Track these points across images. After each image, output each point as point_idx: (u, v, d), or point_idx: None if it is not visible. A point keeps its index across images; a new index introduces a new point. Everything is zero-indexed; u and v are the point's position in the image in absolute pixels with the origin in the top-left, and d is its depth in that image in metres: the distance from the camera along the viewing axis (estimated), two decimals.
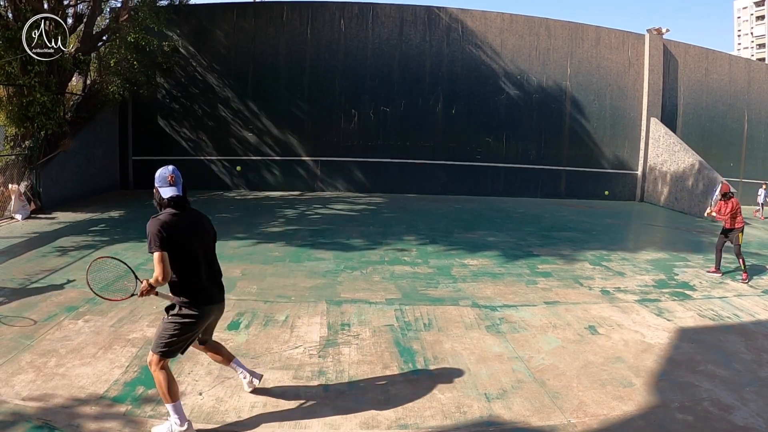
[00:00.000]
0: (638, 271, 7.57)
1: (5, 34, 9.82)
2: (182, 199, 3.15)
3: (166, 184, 3.13)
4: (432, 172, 15.89)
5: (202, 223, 3.25)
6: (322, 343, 4.54)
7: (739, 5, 75.00)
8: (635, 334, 5.05)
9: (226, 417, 3.35)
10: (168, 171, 3.18)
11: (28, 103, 10.39)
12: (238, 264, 7.02)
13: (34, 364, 3.93)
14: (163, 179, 3.15)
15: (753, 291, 6.83)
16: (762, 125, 18.92)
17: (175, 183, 3.15)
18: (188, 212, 3.20)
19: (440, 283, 6.50)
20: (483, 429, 3.33)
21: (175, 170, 3.20)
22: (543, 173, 16.47)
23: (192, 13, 15.03)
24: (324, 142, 15.45)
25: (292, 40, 15.35)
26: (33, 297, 5.42)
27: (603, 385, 3.96)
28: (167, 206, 3.12)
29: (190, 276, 3.13)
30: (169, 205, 3.11)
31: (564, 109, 16.47)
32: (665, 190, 15.83)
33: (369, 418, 3.40)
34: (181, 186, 3.17)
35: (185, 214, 3.16)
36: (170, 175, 3.15)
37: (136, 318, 4.94)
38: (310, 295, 5.86)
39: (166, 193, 3.10)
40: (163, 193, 3.11)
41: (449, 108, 15.86)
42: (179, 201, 3.12)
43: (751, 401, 3.79)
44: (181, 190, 3.15)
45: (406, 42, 15.66)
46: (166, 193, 3.10)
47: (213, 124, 15.10)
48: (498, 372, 4.12)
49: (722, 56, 18.52)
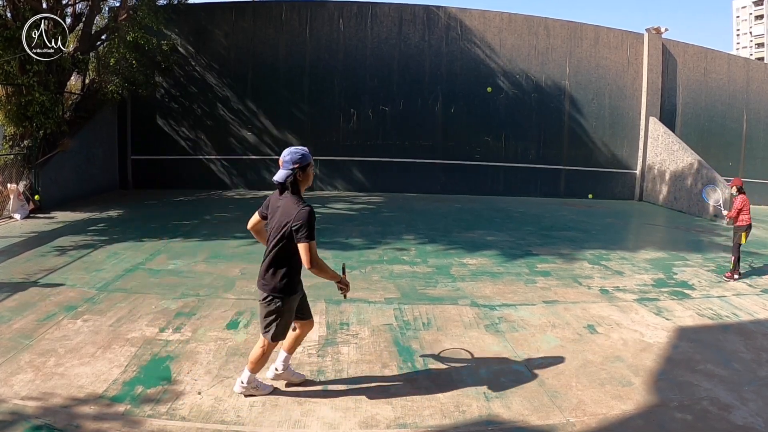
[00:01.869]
0: (637, 270, 7.58)
1: (4, 33, 9.80)
2: (282, 185, 3.27)
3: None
4: (431, 172, 15.88)
5: (281, 211, 3.30)
6: (321, 343, 4.54)
7: (738, 5, 75.06)
8: (634, 334, 5.05)
9: (225, 416, 3.35)
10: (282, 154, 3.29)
11: (26, 103, 10.37)
12: (237, 263, 7.02)
13: (33, 363, 3.93)
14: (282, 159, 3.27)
15: (752, 290, 6.84)
16: (761, 125, 18.93)
17: (282, 167, 3.25)
18: (279, 195, 3.34)
19: (439, 282, 6.50)
20: (482, 428, 3.33)
21: (287, 154, 3.25)
22: (542, 172, 16.46)
23: (191, 13, 15.00)
24: (323, 142, 15.43)
25: (291, 40, 15.33)
26: (32, 296, 5.42)
27: (602, 385, 3.96)
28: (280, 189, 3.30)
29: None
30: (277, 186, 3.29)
31: (563, 109, 16.47)
32: (664, 190, 15.83)
33: (368, 418, 3.40)
34: (282, 171, 3.24)
35: (276, 195, 3.36)
36: (281, 159, 3.27)
37: (135, 318, 4.94)
38: (310, 294, 5.80)
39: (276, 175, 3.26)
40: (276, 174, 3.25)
41: (448, 107, 15.85)
42: (281, 186, 3.28)
43: (750, 400, 3.80)
44: (281, 176, 3.24)
45: (405, 41, 15.65)
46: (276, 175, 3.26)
47: (212, 124, 15.09)
48: (497, 371, 4.12)
49: (721, 56, 18.53)
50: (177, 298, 5.53)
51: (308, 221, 3.11)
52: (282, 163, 3.23)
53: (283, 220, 3.20)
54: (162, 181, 14.82)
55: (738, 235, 7.31)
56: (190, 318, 4.99)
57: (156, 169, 14.95)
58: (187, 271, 6.61)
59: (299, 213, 3.12)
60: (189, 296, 5.62)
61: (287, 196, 3.25)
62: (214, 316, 5.06)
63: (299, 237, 3.12)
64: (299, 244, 3.14)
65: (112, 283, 6.00)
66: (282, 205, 3.25)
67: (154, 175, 14.91)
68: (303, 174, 3.27)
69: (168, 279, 6.22)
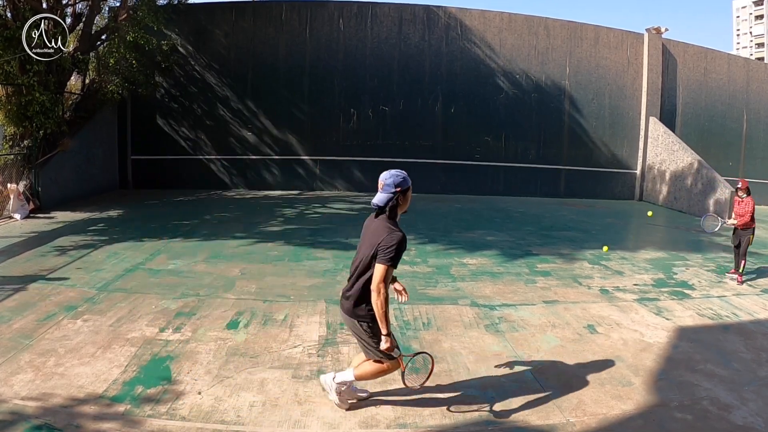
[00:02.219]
0: (637, 270, 7.57)
1: (4, 33, 9.79)
2: (379, 210, 3.15)
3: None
4: (431, 172, 15.87)
5: (371, 233, 3.17)
6: (321, 343, 4.54)
7: (738, 5, 75.03)
8: (634, 333, 5.05)
9: (225, 416, 3.35)
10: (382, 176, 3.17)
11: (26, 103, 10.37)
12: (237, 263, 7.02)
13: (33, 363, 3.93)
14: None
15: (752, 290, 6.84)
16: (761, 124, 18.92)
17: (382, 190, 3.13)
18: (374, 218, 3.22)
19: (439, 282, 6.50)
20: (482, 428, 3.33)
21: (388, 176, 3.13)
22: (542, 172, 16.46)
23: (191, 13, 15.00)
24: (323, 142, 15.44)
25: (291, 40, 15.33)
26: (32, 296, 5.42)
27: (602, 385, 3.96)
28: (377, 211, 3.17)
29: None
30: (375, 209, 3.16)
31: (563, 109, 16.47)
32: (664, 189, 15.83)
33: (368, 418, 3.40)
34: (382, 194, 3.11)
35: (371, 218, 3.24)
36: (380, 182, 3.15)
37: (135, 318, 4.94)
38: (309, 294, 5.87)
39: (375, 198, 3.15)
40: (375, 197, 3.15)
41: (448, 107, 15.85)
42: (379, 209, 3.16)
43: (750, 400, 3.80)
44: (382, 200, 3.11)
45: (405, 41, 15.65)
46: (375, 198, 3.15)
47: (212, 124, 15.08)
48: (497, 371, 4.12)
49: (721, 56, 18.52)
50: (177, 298, 5.53)
51: (398, 247, 2.99)
52: (382, 186, 3.10)
53: (373, 242, 3.07)
54: (162, 181, 14.81)
55: (747, 238, 7.15)
56: (190, 318, 4.99)
57: (156, 169, 14.94)
58: (187, 271, 6.61)
59: (391, 236, 3.01)
60: (189, 296, 5.62)
61: (381, 219, 3.13)
62: (214, 316, 5.06)
63: (380, 258, 3.00)
64: (377, 263, 3.01)
65: (112, 283, 6.00)
66: (373, 228, 3.14)
67: (154, 175, 14.91)
68: (403, 198, 3.14)
69: (168, 279, 6.22)
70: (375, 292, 2.99)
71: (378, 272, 2.98)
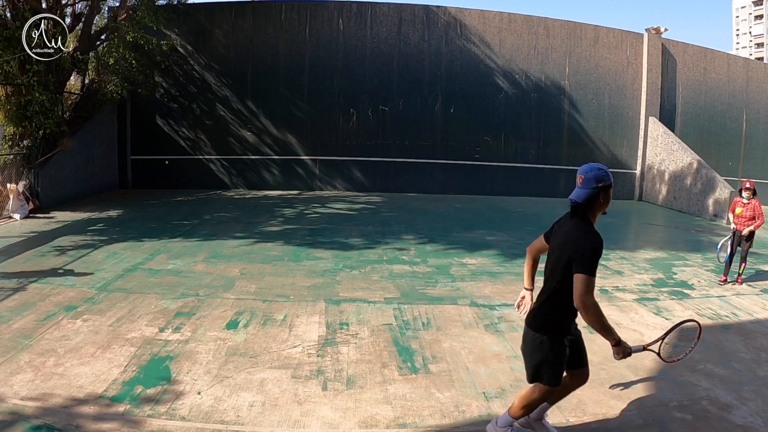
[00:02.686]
0: (637, 270, 7.58)
1: (4, 33, 9.79)
2: (576, 206, 2.75)
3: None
4: (431, 172, 15.88)
5: (564, 236, 2.79)
6: (320, 342, 4.54)
7: (738, 4, 75.05)
8: (634, 333, 5.05)
9: (225, 416, 3.34)
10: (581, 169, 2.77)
11: (26, 103, 10.36)
12: (236, 263, 7.02)
13: (33, 363, 3.92)
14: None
15: (752, 290, 6.84)
16: (761, 124, 18.94)
17: (582, 185, 2.72)
18: (567, 219, 2.85)
19: (439, 282, 6.50)
20: (482, 428, 3.33)
21: (589, 170, 2.74)
22: (542, 172, 16.46)
23: (190, 13, 15.00)
24: (323, 142, 15.44)
25: (290, 40, 15.33)
26: (31, 296, 5.41)
27: (602, 384, 3.96)
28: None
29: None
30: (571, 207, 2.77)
31: (563, 108, 16.47)
32: (663, 189, 15.84)
33: (368, 417, 3.40)
34: (582, 190, 2.71)
35: (564, 219, 2.88)
36: (580, 175, 2.75)
37: (135, 317, 4.94)
38: (309, 294, 5.86)
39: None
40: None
41: (448, 107, 15.85)
42: (574, 207, 2.76)
43: (750, 400, 3.80)
44: (581, 195, 2.71)
45: (404, 41, 15.65)
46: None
47: (211, 124, 15.09)
48: (497, 371, 4.12)
49: (721, 55, 18.53)
50: (176, 298, 5.53)
51: (594, 251, 2.60)
52: (581, 181, 2.72)
53: (565, 246, 2.73)
54: (162, 181, 14.81)
55: (752, 240, 7.00)
56: (189, 318, 4.99)
57: (156, 169, 14.94)
58: (187, 271, 6.61)
59: (586, 239, 2.63)
60: (188, 296, 5.62)
61: (575, 220, 2.76)
62: (214, 316, 5.06)
63: (577, 267, 2.61)
64: (575, 274, 2.61)
65: (111, 282, 6.00)
66: (566, 230, 2.78)
67: (153, 175, 14.91)
68: (605, 195, 2.74)
69: (167, 279, 6.22)
70: (582, 309, 2.60)
71: (579, 284, 2.59)
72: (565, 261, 2.68)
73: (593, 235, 2.65)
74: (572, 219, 2.78)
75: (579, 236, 2.67)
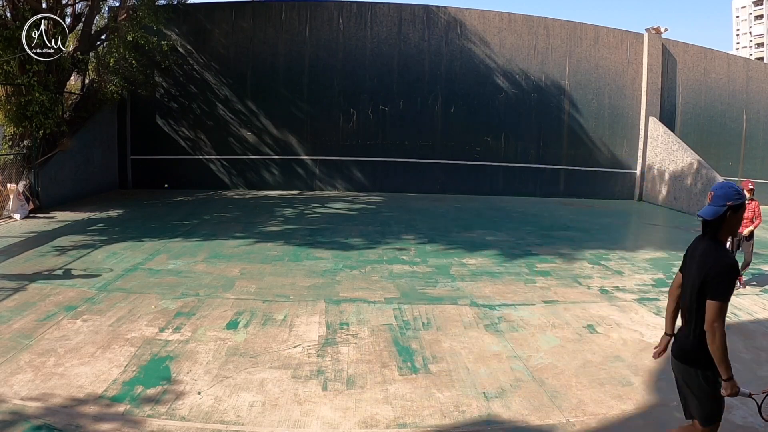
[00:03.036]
0: (637, 270, 7.58)
1: (4, 33, 9.79)
2: (705, 225, 2.67)
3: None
4: (431, 171, 15.88)
5: (696, 260, 2.68)
6: (320, 342, 4.54)
7: (738, 4, 75.05)
8: (634, 333, 5.05)
9: (225, 416, 3.35)
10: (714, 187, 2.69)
11: (26, 103, 10.36)
12: (236, 263, 7.02)
13: (33, 363, 3.92)
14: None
15: (752, 290, 6.84)
16: (761, 124, 18.93)
17: (711, 202, 2.63)
18: (698, 242, 2.77)
19: (439, 282, 6.50)
20: (482, 428, 3.33)
21: (719, 188, 2.64)
22: (542, 172, 16.46)
23: (190, 13, 15.00)
24: (323, 142, 15.44)
25: (290, 40, 15.33)
26: (31, 296, 5.41)
27: (602, 384, 3.96)
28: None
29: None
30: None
31: (563, 108, 16.47)
32: (664, 189, 15.83)
33: (368, 417, 3.40)
34: (710, 207, 2.62)
35: (695, 242, 2.78)
36: (710, 192, 2.67)
37: (135, 317, 4.94)
38: (309, 294, 5.87)
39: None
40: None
41: (448, 107, 15.85)
42: (703, 225, 2.69)
43: (749, 400, 3.79)
44: (708, 212, 2.61)
45: (404, 41, 15.65)
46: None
47: (211, 124, 15.08)
48: (497, 371, 4.12)
49: (721, 55, 18.53)
50: (177, 298, 5.53)
51: (729, 276, 2.53)
52: (711, 198, 2.65)
53: (700, 270, 2.63)
54: (162, 181, 14.81)
55: (752, 239, 6.96)
56: (189, 318, 4.99)
57: (156, 169, 14.94)
58: (187, 270, 6.61)
59: (720, 262, 2.55)
60: (188, 296, 5.62)
61: (707, 242, 2.69)
62: (214, 316, 5.06)
63: (712, 293, 2.53)
64: (709, 300, 2.54)
65: (111, 282, 6.00)
66: (700, 253, 2.70)
67: (153, 175, 14.90)
68: (734, 216, 2.62)
69: (168, 279, 6.22)
70: (710, 333, 2.53)
71: (712, 310, 2.52)
72: (701, 284, 2.61)
73: (727, 259, 2.58)
74: (704, 240, 2.73)
75: (713, 258, 2.60)
